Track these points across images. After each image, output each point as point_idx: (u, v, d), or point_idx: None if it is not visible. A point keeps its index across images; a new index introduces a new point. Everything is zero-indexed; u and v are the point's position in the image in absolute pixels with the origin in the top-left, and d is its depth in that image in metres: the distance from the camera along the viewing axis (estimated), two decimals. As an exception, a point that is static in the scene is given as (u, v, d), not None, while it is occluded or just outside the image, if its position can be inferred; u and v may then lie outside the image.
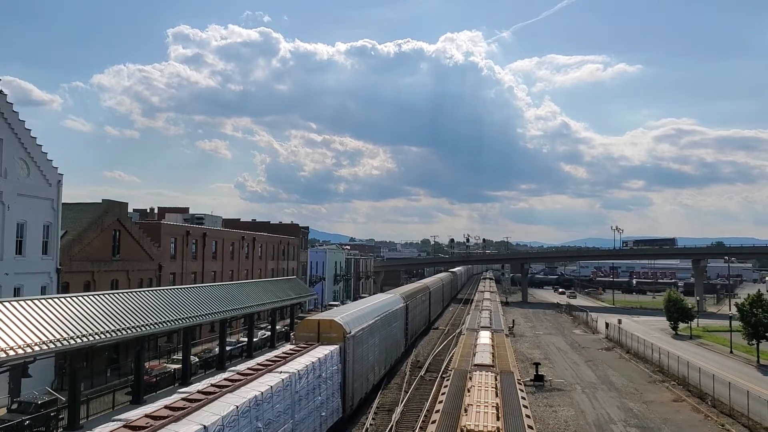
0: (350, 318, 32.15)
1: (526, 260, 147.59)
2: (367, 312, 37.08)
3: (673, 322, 70.78)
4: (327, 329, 29.82)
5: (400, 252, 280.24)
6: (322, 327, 29.93)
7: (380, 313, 39.59)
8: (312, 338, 29.65)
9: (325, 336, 29.54)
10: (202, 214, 75.77)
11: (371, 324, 35.31)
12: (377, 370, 37.45)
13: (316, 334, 29.81)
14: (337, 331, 29.64)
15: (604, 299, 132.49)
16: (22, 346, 23.58)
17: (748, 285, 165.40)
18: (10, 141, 33.95)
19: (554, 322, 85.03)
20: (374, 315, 37.70)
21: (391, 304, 45.29)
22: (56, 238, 37.16)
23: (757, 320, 50.34)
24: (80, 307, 28.82)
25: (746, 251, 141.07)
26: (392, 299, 48.42)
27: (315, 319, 31.04)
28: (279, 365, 23.92)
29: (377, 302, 43.48)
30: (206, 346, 51.46)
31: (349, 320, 31.56)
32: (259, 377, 21.87)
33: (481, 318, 47.48)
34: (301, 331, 30.71)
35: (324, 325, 30.00)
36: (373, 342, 35.61)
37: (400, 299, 50.74)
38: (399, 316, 47.40)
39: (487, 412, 17.57)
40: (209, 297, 41.30)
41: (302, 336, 30.12)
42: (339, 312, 34.73)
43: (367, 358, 33.82)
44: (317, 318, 31.19)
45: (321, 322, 30.16)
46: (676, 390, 40.02)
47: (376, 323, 37.13)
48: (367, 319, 35.01)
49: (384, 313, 40.72)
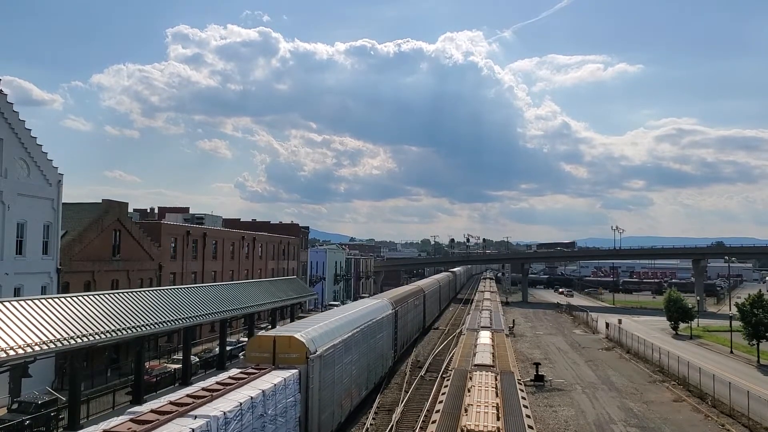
0: (317, 333, 26.43)
1: (526, 260, 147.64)
2: (343, 323, 31.02)
3: (673, 322, 70.76)
4: (285, 348, 24.03)
5: (401, 252, 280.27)
6: (278, 346, 24.09)
7: (361, 324, 33.61)
8: (266, 359, 23.95)
9: (283, 357, 23.87)
10: (202, 213, 75.82)
11: (347, 338, 29.61)
12: (355, 393, 31.62)
13: (270, 354, 24.05)
14: (298, 351, 23.93)
15: (604, 299, 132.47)
16: (22, 346, 23.58)
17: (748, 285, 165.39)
18: (11, 141, 33.96)
19: (554, 322, 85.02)
20: (352, 327, 31.77)
21: (375, 312, 39.21)
22: (56, 238, 37.16)
23: (758, 320, 50.34)
24: (80, 307, 28.80)
25: (746, 251, 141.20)
26: (378, 305, 41.91)
27: (270, 335, 25.19)
28: (196, 407, 17.39)
29: (358, 310, 37.01)
30: (206, 345, 51.47)
31: (316, 336, 25.91)
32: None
33: (482, 318, 47.46)
34: (252, 351, 24.66)
35: (281, 344, 24.14)
36: (349, 360, 29.78)
37: (388, 305, 44.39)
38: (386, 324, 41.24)
39: (487, 412, 17.56)
40: (209, 297, 41.28)
41: (254, 357, 24.29)
42: (303, 325, 28.29)
43: (340, 380, 28.06)
44: (272, 334, 25.41)
45: (277, 340, 24.30)
46: (676, 390, 40.01)
47: (355, 336, 31.31)
48: (341, 333, 29.28)
49: (366, 324, 34.69)
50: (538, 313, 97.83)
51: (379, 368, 38.42)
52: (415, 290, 64.10)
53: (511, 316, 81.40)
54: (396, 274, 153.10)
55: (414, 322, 58.56)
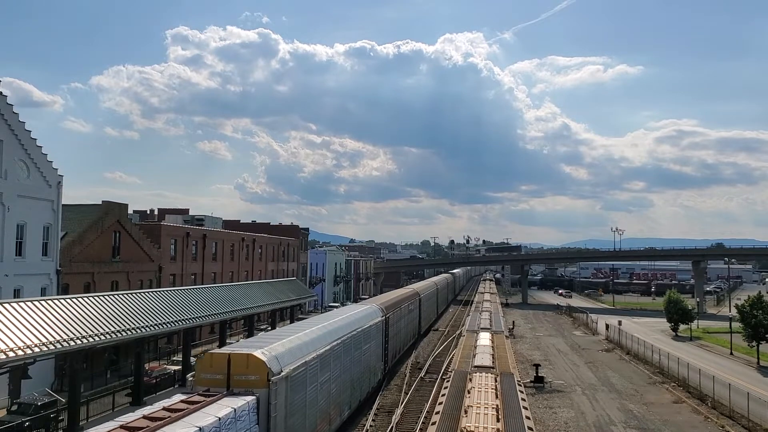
0: (284, 349, 22.14)
1: (526, 261, 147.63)
2: (320, 335, 26.73)
3: (673, 324, 70.74)
4: (241, 369, 19.75)
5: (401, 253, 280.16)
6: (234, 366, 19.79)
7: (343, 335, 29.31)
8: (219, 383, 19.64)
9: (239, 380, 19.64)
10: (202, 215, 75.91)
11: (325, 352, 25.62)
12: (335, 414, 27.63)
13: (224, 376, 19.69)
14: (258, 372, 19.68)
15: (603, 300, 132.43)
16: (22, 348, 23.57)
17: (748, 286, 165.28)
18: (11, 142, 33.98)
19: (554, 323, 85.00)
20: (331, 338, 27.46)
21: (362, 320, 35.02)
22: (56, 240, 37.17)
23: (758, 322, 50.34)
24: (80, 309, 28.80)
25: (746, 252, 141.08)
26: (365, 312, 37.80)
27: (223, 352, 20.58)
28: None
29: (340, 318, 32.39)
30: (206, 347, 51.43)
31: (282, 352, 21.61)
32: None
33: (481, 319, 47.44)
34: (203, 372, 20.22)
35: (237, 363, 19.82)
36: (326, 378, 25.88)
37: (378, 311, 40.14)
38: (375, 333, 37.25)
39: (487, 414, 17.56)
40: (209, 298, 41.29)
41: (205, 379, 19.94)
42: (270, 339, 23.79)
43: (314, 403, 24.02)
44: (227, 351, 20.73)
45: (233, 359, 19.89)
46: (676, 391, 40.00)
47: (335, 350, 27.33)
48: (317, 347, 25.14)
49: (349, 334, 30.44)
50: (538, 314, 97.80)
51: (365, 383, 34.25)
52: (410, 294, 60.00)
53: (510, 318, 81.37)
54: (396, 276, 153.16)
55: (408, 329, 54.10)
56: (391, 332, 43.85)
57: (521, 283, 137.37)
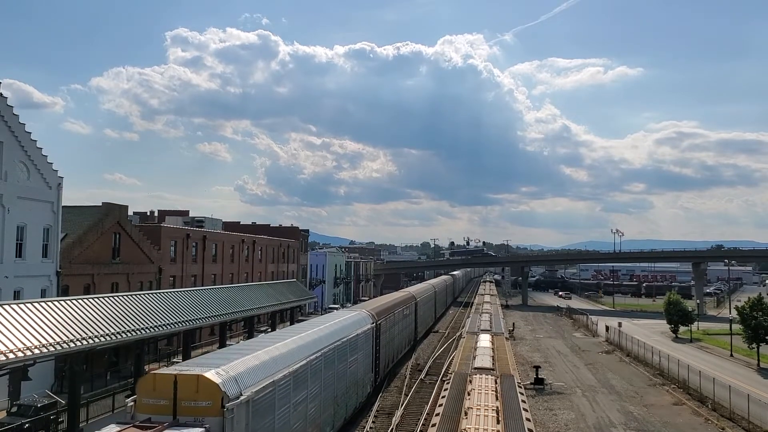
0: (246, 367, 18.65)
1: (526, 263, 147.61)
2: (293, 349, 22.88)
3: (673, 325, 70.70)
4: (190, 393, 16.34)
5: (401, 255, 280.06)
6: (181, 389, 16.40)
7: (324, 346, 25.82)
8: (163, 409, 16.31)
9: (187, 406, 16.33)
10: (202, 217, 76.00)
11: (300, 368, 22.00)
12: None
13: (170, 402, 16.35)
14: (210, 396, 16.33)
15: (603, 302, 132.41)
16: (22, 349, 23.56)
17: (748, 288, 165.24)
18: (11, 144, 34.01)
19: (554, 325, 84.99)
20: (308, 351, 23.83)
21: (348, 328, 31.47)
22: (56, 241, 37.17)
23: (758, 323, 50.33)
24: (80, 310, 28.79)
25: (746, 254, 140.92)
26: (353, 319, 34.21)
27: (169, 373, 17.08)
28: None
29: (322, 327, 28.52)
30: (206, 349, 51.38)
31: (241, 373, 18.08)
32: None
33: (481, 321, 47.44)
34: (144, 396, 16.66)
35: (185, 386, 16.43)
36: (302, 397, 22.26)
37: (367, 318, 36.57)
38: (363, 342, 33.74)
39: (487, 416, 17.55)
40: (209, 300, 41.27)
41: (146, 406, 16.54)
42: (229, 355, 20.04)
43: (286, 428, 20.66)
44: (174, 372, 17.17)
45: (180, 381, 16.51)
46: (676, 393, 39.98)
47: (314, 364, 23.83)
48: (289, 362, 21.45)
49: (332, 345, 26.97)
50: (538, 316, 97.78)
51: (352, 399, 30.89)
52: (405, 298, 55.97)
53: (511, 319, 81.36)
54: (396, 277, 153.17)
55: (402, 336, 50.16)
56: (383, 340, 40.41)
57: (521, 285, 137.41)
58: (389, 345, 43.32)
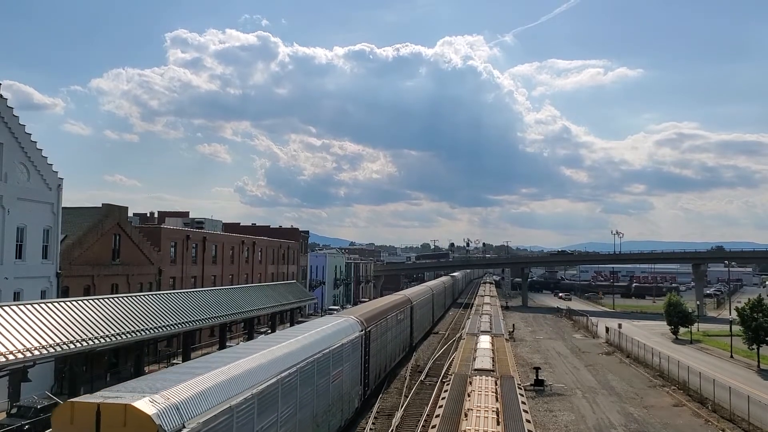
0: (190, 393, 14.97)
1: (526, 264, 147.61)
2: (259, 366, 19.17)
3: (673, 327, 70.68)
4: (116, 427, 13.03)
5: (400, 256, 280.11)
6: (105, 422, 13.11)
7: (300, 360, 22.25)
8: None
9: None
10: (202, 218, 76.03)
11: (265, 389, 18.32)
12: None
13: None
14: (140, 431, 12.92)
15: (603, 303, 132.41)
16: (21, 351, 23.57)
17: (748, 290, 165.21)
18: (11, 145, 34.02)
19: (554, 326, 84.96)
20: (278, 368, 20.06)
21: (332, 337, 27.92)
22: (56, 242, 37.18)
23: (758, 325, 50.32)
24: (80, 312, 28.80)
25: (746, 255, 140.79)
26: (339, 327, 30.48)
27: (90, 402, 13.51)
28: None
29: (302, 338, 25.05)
30: (206, 350, 51.40)
31: (185, 399, 14.54)
32: None
33: (482, 322, 47.47)
34: (60, 429, 13.43)
35: (110, 418, 13.10)
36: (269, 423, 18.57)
37: (355, 324, 33.04)
38: (350, 352, 30.30)
39: (487, 417, 17.55)
40: (209, 301, 41.31)
41: None
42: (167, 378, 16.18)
43: None
44: (97, 401, 13.49)
45: (104, 411, 13.15)
46: (676, 395, 39.96)
47: (284, 382, 20.11)
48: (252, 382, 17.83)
49: (311, 358, 23.48)
50: (538, 317, 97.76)
51: (335, 416, 27.50)
52: (400, 301, 52.09)
53: (511, 321, 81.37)
54: (396, 279, 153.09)
55: (396, 342, 46.61)
56: (374, 348, 36.97)
57: (521, 286, 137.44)
58: (380, 353, 39.86)
